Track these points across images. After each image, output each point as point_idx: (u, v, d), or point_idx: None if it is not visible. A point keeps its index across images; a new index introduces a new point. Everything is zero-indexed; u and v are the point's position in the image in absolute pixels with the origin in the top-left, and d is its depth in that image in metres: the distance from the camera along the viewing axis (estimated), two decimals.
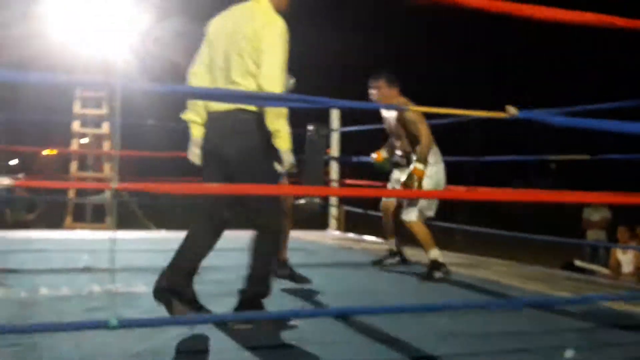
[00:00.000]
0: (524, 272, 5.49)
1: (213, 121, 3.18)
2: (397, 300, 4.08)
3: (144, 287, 4.01)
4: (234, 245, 6.49)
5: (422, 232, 5.02)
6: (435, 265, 4.92)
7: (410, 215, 5.03)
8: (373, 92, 5.28)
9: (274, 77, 3.01)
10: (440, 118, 6.09)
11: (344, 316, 3.21)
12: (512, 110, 2.13)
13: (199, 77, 3.28)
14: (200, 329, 3.03)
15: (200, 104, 3.24)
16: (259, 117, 3.05)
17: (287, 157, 3.17)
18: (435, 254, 4.95)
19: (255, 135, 3.08)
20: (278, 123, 3.04)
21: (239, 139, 3.09)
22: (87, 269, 4.72)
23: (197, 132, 3.29)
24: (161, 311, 3.38)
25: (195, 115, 3.27)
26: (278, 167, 3.20)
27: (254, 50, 3.05)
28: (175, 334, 2.92)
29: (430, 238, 5.01)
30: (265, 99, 2.32)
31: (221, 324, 3.11)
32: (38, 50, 10.33)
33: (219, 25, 3.25)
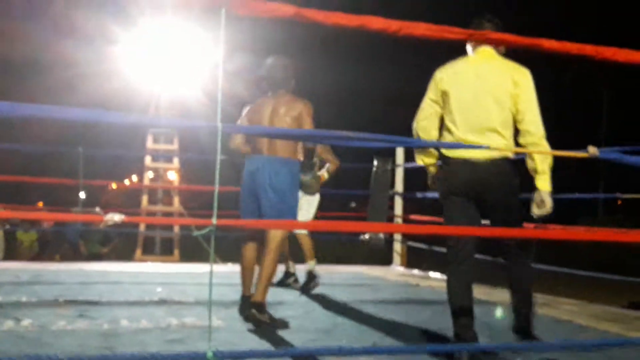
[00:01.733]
0: (595, 311, 5.37)
1: (471, 167, 3.36)
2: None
3: (218, 320, 4.12)
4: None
5: (310, 243, 5.82)
6: (311, 276, 5.77)
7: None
8: None
9: (539, 122, 3.32)
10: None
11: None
12: (592, 150, 2.16)
13: (427, 130, 3.51)
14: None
15: (432, 149, 3.57)
16: (515, 163, 3.39)
17: (548, 199, 3.34)
18: (313, 265, 5.81)
19: (515, 180, 3.41)
20: (546, 165, 3.30)
21: (504, 184, 3.38)
22: (162, 302, 4.87)
23: (430, 168, 3.70)
24: (239, 344, 3.47)
25: (432, 159, 3.62)
26: (535, 210, 3.39)
27: (512, 99, 3.32)
28: None
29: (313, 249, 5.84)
30: (348, 139, 2.40)
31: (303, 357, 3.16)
32: (112, 88, 10.78)
33: (458, 76, 3.43)
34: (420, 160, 3.65)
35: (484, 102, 3.34)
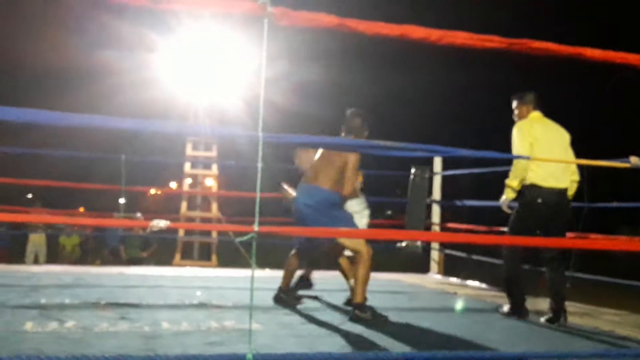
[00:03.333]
0: (638, 322, 5.28)
1: (555, 196, 4.82)
2: (506, 347, 4.02)
3: (257, 324, 4.17)
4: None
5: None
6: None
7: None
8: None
9: None
10: None
11: None
12: (635, 161, 2.14)
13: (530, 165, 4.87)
14: None
15: (519, 181, 4.89)
16: None
17: None
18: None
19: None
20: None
21: (570, 206, 5.01)
22: (202, 305, 4.94)
23: (512, 196, 4.98)
24: (277, 347, 3.51)
25: (520, 187, 4.92)
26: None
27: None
28: None
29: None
30: (387, 148, 2.43)
31: None
32: (151, 96, 10.97)
33: (541, 129, 4.91)
34: (513, 189, 4.93)
35: (562, 147, 4.92)
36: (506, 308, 5.14)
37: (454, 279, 8.08)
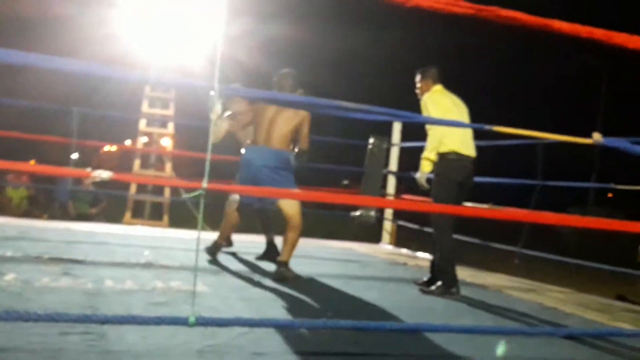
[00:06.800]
0: (581, 300, 5.38)
1: (469, 164, 4.89)
2: (452, 319, 4.04)
3: (204, 286, 4.09)
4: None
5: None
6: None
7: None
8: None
9: None
10: (508, 139, 6.16)
11: (402, 331, 3.22)
12: (597, 137, 2.11)
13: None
14: (264, 330, 3.05)
15: (433, 155, 4.78)
16: None
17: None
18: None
19: None
20: None
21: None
22: (149, 265, 4.83)
23: (429, 169, 4.83)
24: (222, 310, 3.45)
25: (435, 158, 4.79)
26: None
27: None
28: (237, 333, 2.95)
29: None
30: (345, 109, 2.35)
31: (284, 327, 3.13)
32: (111, 53, 10.65)
33: (452, 101, 4.96)
34: (431, 162, 4.81)
35: (468, 117, 4.98)
36: (438, 284, 4.81)
37: (405, 250, 8.12)
